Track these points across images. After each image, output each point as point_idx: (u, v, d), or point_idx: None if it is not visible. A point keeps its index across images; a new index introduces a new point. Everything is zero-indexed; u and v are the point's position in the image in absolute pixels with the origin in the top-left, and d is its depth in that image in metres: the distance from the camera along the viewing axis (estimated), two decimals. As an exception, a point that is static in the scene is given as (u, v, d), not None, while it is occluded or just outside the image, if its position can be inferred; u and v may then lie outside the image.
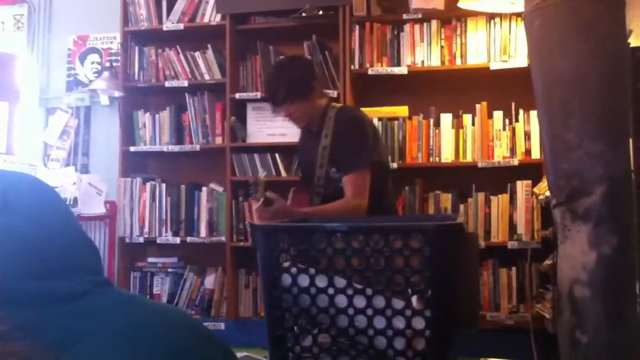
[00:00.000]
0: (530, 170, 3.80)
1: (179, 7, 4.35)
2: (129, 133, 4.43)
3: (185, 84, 4.30)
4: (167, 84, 4.33)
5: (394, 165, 3.92)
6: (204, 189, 4.31)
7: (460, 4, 3.62)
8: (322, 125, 2.92)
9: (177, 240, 4.26)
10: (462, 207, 3.92)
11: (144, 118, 4.43)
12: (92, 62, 4.71)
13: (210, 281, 4.26)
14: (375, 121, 3.98)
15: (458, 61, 3.94)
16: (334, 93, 3.97)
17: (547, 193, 2.69)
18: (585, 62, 1.61)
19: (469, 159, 3.93)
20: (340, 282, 1.44)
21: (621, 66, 1.65)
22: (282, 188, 3.04)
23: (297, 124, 3.03)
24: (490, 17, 3.90)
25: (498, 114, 3.92)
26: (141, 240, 4.31)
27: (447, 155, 3.95)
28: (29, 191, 1.03)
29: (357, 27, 4.03)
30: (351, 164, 2.82)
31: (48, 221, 1.01)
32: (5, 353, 0.91)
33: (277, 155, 4.15)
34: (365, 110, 4.02)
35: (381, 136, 3.15)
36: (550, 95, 1.67)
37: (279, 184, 3.93)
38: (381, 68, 4.00)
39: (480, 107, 3.94)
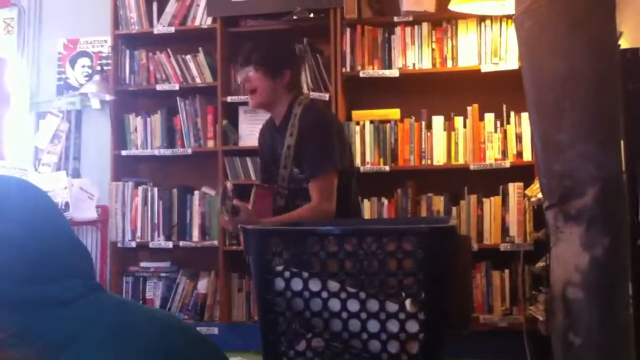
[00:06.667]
0: (522, 172, 3.81)
1: (169, 10, 4.34)
2: (120, 137, 4.42)
3: (177, 87, 4.29)
4: (158, 87, 4.32)
5: (386, 168, 3.93)
6: (196, 192, 4.29)
7: (450, 7, 3.63)
8: (287, 121, 2.78)
9: (170, 244, 4.25)
10: (454, 209, 3.92)
11: (135, 122, 4.42)
12: (83, 66, 4.70)
13: (203, 285, 4.24)
14: (367, 124, 4.00)
15: (449, 64, 3.95)
16: (325, 96, 3.97)
17: (539, 195, 2.69)
18: (576, 62, 1.61)
19: (460, 161, 3.93)
20: (333, 285, 1.44)
21: (613, 66, 1.65)
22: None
23: (251, 99, 2.85)
24: (481, 19, 3.91)
25: (489, 116, 3.93)
26: (133, 244, 4.30)
27: (439, 158, 3.95)
28: (20, 195, 1.02)
29: (348, 29, 4.03)
30: (317, 168, 2.69)
31: (40, 226, 1.01)
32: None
33: (269, 158, 4.13)
34: (357, 112, 4.06)
35: (346, 135, 2.98)
36: (542, 97, 1.67)
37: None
38: (372, 71, 4.00)
39: (472, 110, 3.95)
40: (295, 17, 4.02)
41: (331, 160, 2.70)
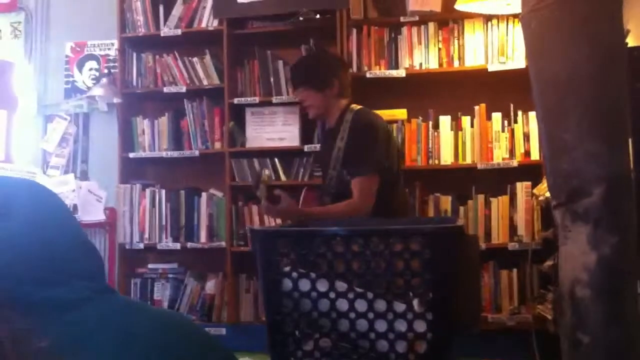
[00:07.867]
0: (529, 172, 3.80)
1: (176, 12, 4.35)
2: (127, 139, 4.43)
3: (184, 89, 4.30)
4: (165, 89, 4.33)
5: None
6: (204, 194, 4.30)
7: (457, 6, 3.62)
8: (339, 126, 3.00)
9: (177, 246, 4.26)
10: (462, 209, 3.92)
11: (142, 124, 4.43)
12: (90, 69, 4.71)
13: (210, 286, 4.25)
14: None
15: (456, 63, 3.95)
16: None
17: (547, 194, 2.69)
18: (579, 62, 1.60)
19: (468, 161, 3.93)
20: (341, 286, 1.44)
21: (615, 66, 1.64)
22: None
23: (309, 112, 3.15)
24: (487, 18, 3.90)
25: (497, 116, 3.92)
26: (141, 246, 4.31)
27: (446, 158, 3.95)
28: (29, 197, 1.02)
29: (354, 30, 4.03)
30: (359, 168, 2.89)
31: (47, 227, 1.00)
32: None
33: (276, 159, 4.15)
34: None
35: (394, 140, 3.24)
36: (546, 97, 1.67)
37: (278, 188, 3.94)
38: (379, 71, 4.00)
39: (479, 109, 3.94)
40: (301, 19, 4.03)
41: (373, 162, 2.91)
